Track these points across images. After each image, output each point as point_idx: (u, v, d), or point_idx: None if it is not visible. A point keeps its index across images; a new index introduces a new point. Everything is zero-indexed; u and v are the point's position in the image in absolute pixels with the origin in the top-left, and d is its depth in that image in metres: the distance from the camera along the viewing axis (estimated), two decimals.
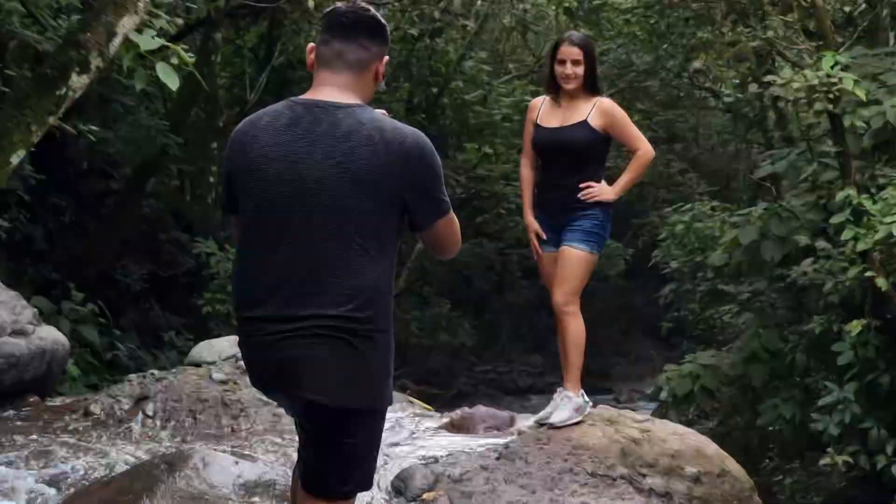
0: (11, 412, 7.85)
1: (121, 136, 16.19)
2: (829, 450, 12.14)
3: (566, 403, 7.30)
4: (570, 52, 7.27)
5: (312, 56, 4.51)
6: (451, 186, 21.89)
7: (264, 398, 6.79)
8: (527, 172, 7.60)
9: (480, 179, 22.96)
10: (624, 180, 7.44)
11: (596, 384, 27.77)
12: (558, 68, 7.31)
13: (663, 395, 14.84)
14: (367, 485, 4.56)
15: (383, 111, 4.48)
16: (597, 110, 7.29)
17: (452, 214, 4.53)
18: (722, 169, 28.97)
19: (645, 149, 7.43)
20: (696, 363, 14.22)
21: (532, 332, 29.78)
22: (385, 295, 4.34)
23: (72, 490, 6.12)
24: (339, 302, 4.22)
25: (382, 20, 4.58)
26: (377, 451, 4.56)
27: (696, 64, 19.25)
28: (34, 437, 7.10)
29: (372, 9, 4.54)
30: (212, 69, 17.68)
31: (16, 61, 12.87)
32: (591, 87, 7.34)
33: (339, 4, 4.55)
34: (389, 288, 4.37)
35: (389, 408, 4.52)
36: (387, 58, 4.57)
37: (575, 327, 7.27)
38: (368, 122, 4.33)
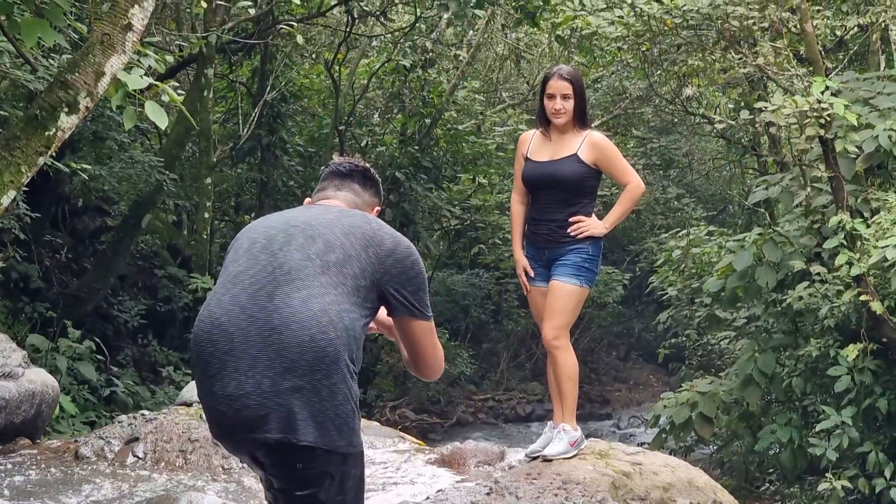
0: (0, 457, 7.83)
1: (115, 173, 16.19)
2: (828, 474, 12.12)
3: (562, 436, 7.26)
4: (560, 86, 7.24)
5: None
6: (447, 217, 21.91)
7: None
8: (518, 207, 7.58)
9: (475, 209, 22.94)
10: (614, 214, 7.40)
11: (595, 410, 27.94)
12: (548, 103, 7.29)
13: (662, 421, 14.84)
14: None
15: None
16: (587, 144, 7.26)
17: (433, 326, 4.57)
18: (717, 194, 29.05)
19: (636, 182, 7.38)
20: (693, 391, 14.19)
21: (530, 360, 29.77)
22: (353, 335, 4.22)
23: None
24: (304, 323, 4.13)
25: (376, 175, 4.81)
26: (360, 501, 4.38)
27: (689, 90, 19.31)
28: (23, 481, 7.07)
29: (366, 163, 4.78)
30: (205, 104, 17.71)
31: (9, 101, 12.93)
32: (580, 120, 7.31)
33: (336, 158, 4.81)
34: (359, 335, 4.27)
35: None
36: (378, 208, 4.76)
37: (565, 361, 7.23)
38: (365, 215, 4.53)
